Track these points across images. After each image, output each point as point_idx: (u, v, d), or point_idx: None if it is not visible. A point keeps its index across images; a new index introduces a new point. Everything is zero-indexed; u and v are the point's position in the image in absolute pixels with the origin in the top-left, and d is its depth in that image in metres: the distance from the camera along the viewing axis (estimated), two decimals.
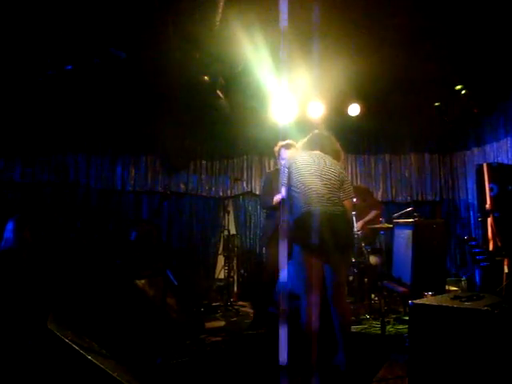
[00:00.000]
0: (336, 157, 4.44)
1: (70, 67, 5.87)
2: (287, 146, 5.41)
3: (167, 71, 6.09)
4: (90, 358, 2.86)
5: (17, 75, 6.21)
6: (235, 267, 8.47)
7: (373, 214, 7.10)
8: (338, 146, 4.53)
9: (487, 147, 7.67)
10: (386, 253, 7.14)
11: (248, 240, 8.76)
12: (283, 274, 4.52)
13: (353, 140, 8.76)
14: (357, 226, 6.74)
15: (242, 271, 8.58)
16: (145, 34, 5.44)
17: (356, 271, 6.60)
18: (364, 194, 7.41)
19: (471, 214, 8.14)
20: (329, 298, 4.09)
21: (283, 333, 3.81)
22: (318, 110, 7.46)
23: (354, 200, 5.71)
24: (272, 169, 8.33)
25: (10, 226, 5.00)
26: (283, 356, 3.54)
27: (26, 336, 2.96)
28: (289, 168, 4.20)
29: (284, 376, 3.68)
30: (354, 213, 6.61)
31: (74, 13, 5.01)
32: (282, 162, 4.96)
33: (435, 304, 3.24)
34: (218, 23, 4.87)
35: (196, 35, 5.20)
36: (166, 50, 5.51)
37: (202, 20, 4.85)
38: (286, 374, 3.72)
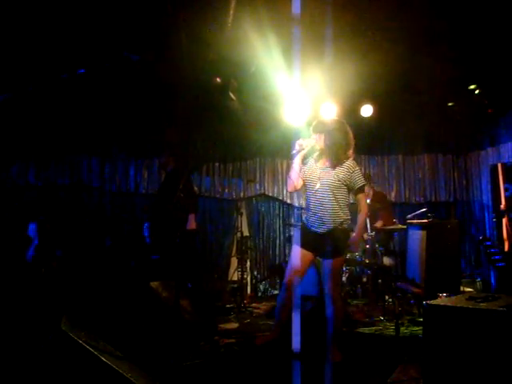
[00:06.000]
0: None
1: (82, 71, 5.91)
2: None
3: (179, 74, 6.10)
4: (103, 359, 2.87)
5: (31, 79, 6.25)
6: (248, 269, 8.47)
7: (379, 223, 7.06)
8: None
9: (501, 147, 7.61)
10: (400, 254, 7.10)
11: (261, 242, 8.77)
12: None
13: (366, 141, 8.72)
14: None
15: (255, 273, 8.59)
16: (157, 37, 5.46)
17: (370, 273, 6.57)
18: (379, 197, 7.38)
19: (486, 214, 8.08)
20: None
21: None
22: (330, 111, 7.45)
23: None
24: (285, 171, 8.44)
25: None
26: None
27: (40, 337, 2.97)
28: None
29: (297, 378, 3.68)
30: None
31: (86, 17, 5.05)
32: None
33: (450, 305, 3.21)
34: (230, 25, 4.87)
35: (208, 37, 5.21)
36: (178, 53, 5.52)
37: (214, 22, 4.86)
38: (299, 375, 3.73)
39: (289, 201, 8.72)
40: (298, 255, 4.47)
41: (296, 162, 4.47)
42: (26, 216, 7.20)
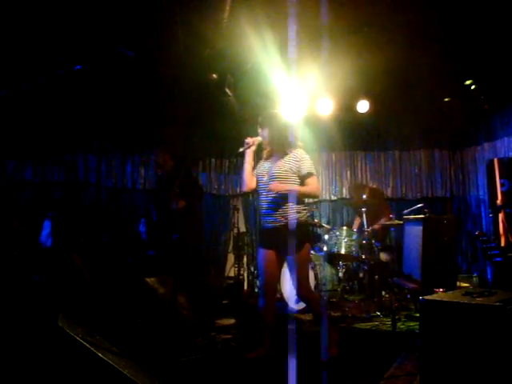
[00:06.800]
0: None
1: (79, 67, 5.89)
2: None
3: (175, 69, 6.09)
4: (100, 355, 2.86)
5: (27, 75, 6.23)
6: (245, 265, 8.47)
7: (382, 221, 7.07)
8: None
9: (498, 142, 7.60)
10: (397, 249, 7.12)
11: (258, 238, 8.77)
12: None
13: (362, 137, 8.74)
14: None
15: (252, 269, 8.59)
16: (153, 32, 5.44)
17: (366, 268, 6.58)
18: (374, 193, 7.38)
19: (482, 209, 8.08)
20: None
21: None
22: (326, 106, 7.45)
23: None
24: None
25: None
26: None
27: (37, 333, 2.97)
28: None
29: (292, 373, 3.68)
30: (364, 209, 6.62)
31: (82, 13, 5.03)
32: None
33: (446, 300, 3.21)
34: (225, 20, 4.86)
35: (204, 32, 5.20)
36: (174, 48, 5.51)
37: (210, 17, 4.84)
38: (294, 370, 3.73)
39: None
40: (263, 258, 4.38)
41: (246, 161, 4.47)
42: (26, 213, 7.21)
